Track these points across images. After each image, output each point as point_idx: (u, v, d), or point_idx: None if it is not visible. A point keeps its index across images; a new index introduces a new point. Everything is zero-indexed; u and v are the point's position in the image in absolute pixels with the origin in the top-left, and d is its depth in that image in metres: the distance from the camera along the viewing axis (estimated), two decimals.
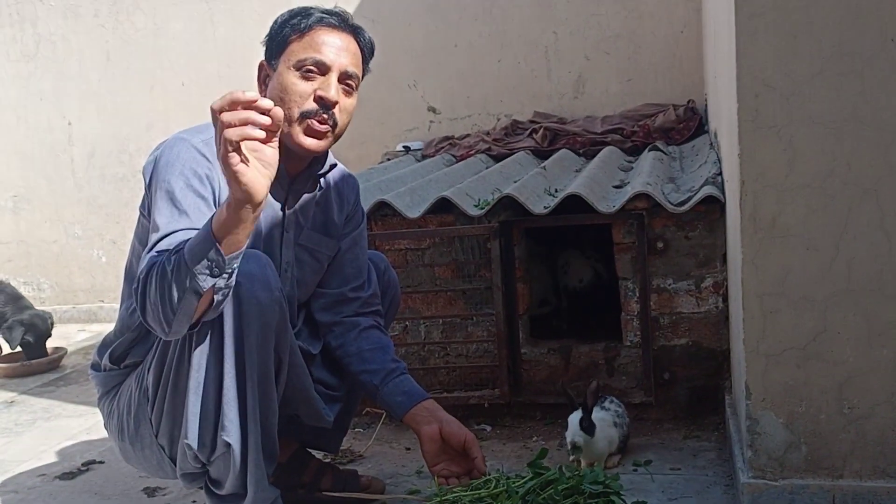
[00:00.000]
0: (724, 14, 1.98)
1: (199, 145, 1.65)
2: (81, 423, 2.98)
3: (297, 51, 1.69)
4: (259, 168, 1.35)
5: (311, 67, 1.68)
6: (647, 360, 2.47)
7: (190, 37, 4.74)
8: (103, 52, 4.86)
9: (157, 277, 1.45)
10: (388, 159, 4.04)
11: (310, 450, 2.13)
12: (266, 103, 1.31)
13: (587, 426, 2.09)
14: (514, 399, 2.58)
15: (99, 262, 5.03)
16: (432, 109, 4.45)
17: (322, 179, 1.87)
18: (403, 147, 4.23)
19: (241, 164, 1.32)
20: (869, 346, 1.70)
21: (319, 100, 1.68)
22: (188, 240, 1.45)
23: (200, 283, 1.42)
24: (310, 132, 1.70)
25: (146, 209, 1.69)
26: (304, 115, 1.68)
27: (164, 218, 1.56)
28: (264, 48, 1.76)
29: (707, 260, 2.41)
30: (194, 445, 1.62)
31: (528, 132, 3.92)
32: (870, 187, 1.66)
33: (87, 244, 5.04)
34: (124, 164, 4.89)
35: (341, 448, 2.24)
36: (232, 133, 1.29)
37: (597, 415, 2.15)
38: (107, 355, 1.83)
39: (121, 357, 1.82)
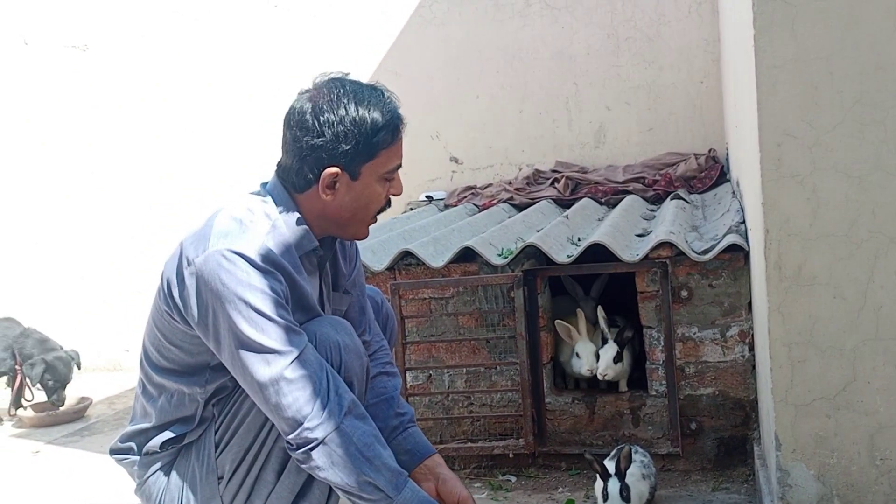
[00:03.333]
0: (744, 65, 2.00)
1: (248, 253, 1.56)
2: (105, 477, 2.97)
3: (387, 162, 1.71)
4: None
5: (395, 174, 1.74)
6: (673, 409, 2.45)
7: None
8: None
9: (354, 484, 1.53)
10: (412, 209, 4.07)
11: None
12: None
13: (626, 495, 2.09)
14: (539, 449, 2.56)
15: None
16: (455, 160, 4.49)
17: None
18: (426, 197, 4.27)
19: None
20: None
21: (388, 197, 1.74)
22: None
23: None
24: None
25: (174, 313, 1.62)
26: (377, 214, 1.74)
27: (272, 337, 1.54)
28: (333, 151, 1.63)
29: (732, 308, 2.40)
30: None
31: (549, 181, 3.95)
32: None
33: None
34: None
35: None
36: None
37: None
38: (147, 445, 1.77)
39: (167, 443, 1.77)
